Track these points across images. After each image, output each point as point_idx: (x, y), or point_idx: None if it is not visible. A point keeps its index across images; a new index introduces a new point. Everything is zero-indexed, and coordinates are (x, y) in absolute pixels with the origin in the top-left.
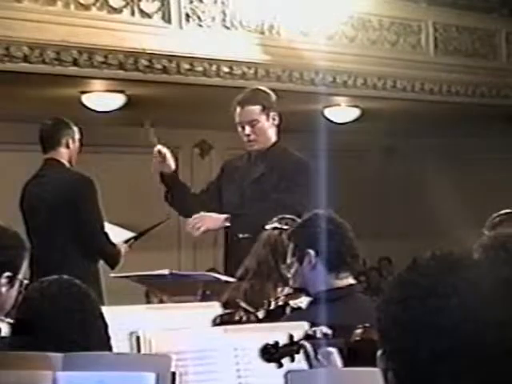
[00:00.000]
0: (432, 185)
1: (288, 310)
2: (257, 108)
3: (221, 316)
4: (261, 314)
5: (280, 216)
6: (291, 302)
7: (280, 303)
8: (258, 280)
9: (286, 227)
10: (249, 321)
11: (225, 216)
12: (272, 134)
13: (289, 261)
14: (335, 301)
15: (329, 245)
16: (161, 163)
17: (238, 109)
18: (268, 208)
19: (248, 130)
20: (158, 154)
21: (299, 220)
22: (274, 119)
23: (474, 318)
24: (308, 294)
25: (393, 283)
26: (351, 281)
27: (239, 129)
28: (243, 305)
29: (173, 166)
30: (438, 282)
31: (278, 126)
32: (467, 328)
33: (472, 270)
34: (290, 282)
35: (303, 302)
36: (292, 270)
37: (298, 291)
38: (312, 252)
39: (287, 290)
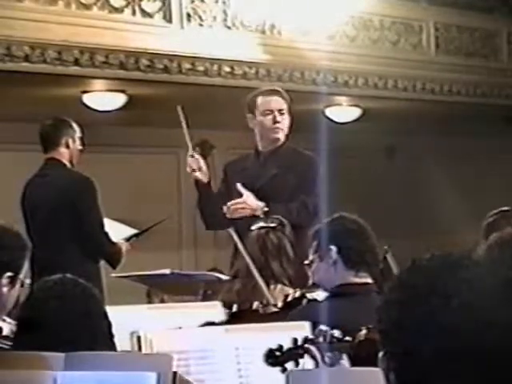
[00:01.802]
0: (433, 184)
1: (304, 301)
2: (284, 101)
3: (238, 305)
4: (279, 304)
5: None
6: (308, 295)
7: (297, 295)
8: (250, 279)
9: (272, 225)
10: (266, 311)
11: (263, 204)
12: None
13: (311, 257)
14: (351, 296)
15: (350, 243)
16: (197, 169)
17: (269, 97)
18: (293, 208)
19: (279, 117)
20: (192, 158)
21: (283, 220)
22: (289, 119)
23: (475, 318)
24: (325, 290)
25: (392, 284)
26: (369, 280)
27: (262, 117)
28: (266, 293)
29: (206, 177)
30: (437, 282)
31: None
32: (468, 328)
33: (472, 270)
34: (310, 279)
35: (319, 295)
36: (313, 267)
37: (316, 286)
38: (334, 248)
39: (280, 287)
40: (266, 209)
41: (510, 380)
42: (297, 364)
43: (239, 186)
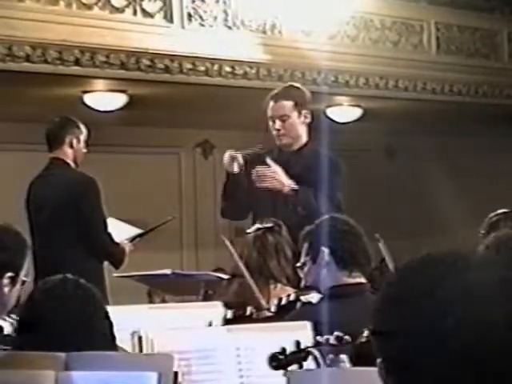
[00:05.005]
0: (434, 184)
1: (298, 304)
2: (289, 103)
3: (233, 310)
4: (273, 309)
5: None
6: (302, 298)
7: (291, 299)
8: (246, 280)
9: (268, 225)
10: (260, 316)
11: (292, 182)
12: (303, 132)
13: (302, 260)
14: (345, 297)
15: (343, 244)
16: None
17: (271, 103)
18: (318, 196)
19: (278, 124)
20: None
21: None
22: (305, 117)
23: (473, 320)
24: (319, 292)
25: (389, 285)
26: (363, 280)
27: (270, 123)
28: (258, 295)
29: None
30: (434, 284)
31: (309, 125)
32: (466, 330)
33: (470, 271)
34: (303, 281)
35: (314, 297)
36: (305, 269)
37: (310, 289)
38: (326, 250)
39: (280, 286)
40: (295, 187)
41: (510, 380)
42: (300, 367)
43: (268, 160)
